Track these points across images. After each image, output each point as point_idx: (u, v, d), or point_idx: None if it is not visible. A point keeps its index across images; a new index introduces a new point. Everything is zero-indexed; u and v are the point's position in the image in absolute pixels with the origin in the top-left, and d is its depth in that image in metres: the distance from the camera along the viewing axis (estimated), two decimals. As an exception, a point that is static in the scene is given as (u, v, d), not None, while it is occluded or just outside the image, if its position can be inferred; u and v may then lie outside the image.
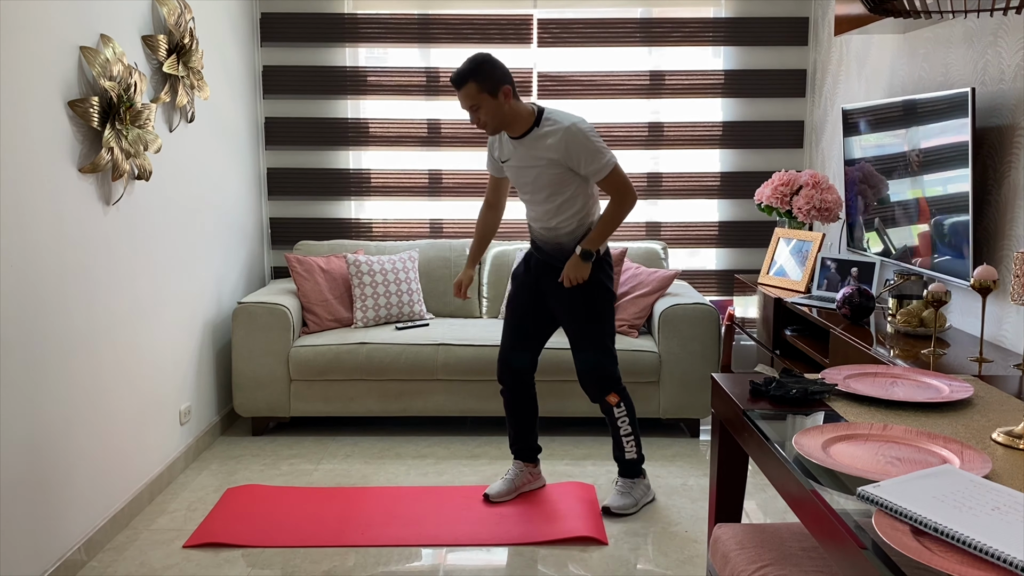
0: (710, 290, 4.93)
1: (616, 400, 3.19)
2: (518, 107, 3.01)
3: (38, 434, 2.59)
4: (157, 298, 3.41)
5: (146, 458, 3.33)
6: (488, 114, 2.96)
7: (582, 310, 3.14)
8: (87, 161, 2.85)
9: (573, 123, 2.98)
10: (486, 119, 2.97)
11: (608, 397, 3.19)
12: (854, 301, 3.21)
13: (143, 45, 3.28)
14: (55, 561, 2.68)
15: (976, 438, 1.72)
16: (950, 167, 3.02)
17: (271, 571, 2.81)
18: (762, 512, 3.26)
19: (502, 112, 2.97)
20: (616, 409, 3.20)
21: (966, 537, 1.22)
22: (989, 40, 3.01)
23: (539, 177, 3.04)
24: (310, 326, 4.19)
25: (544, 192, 3.07)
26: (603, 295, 3.15)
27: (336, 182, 4.85)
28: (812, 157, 4.74)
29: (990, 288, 2.45)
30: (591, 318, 3.15)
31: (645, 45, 4.75)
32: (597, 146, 2.99)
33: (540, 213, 3.13)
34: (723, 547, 1.97)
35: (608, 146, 3.09)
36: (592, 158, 2.98)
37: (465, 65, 2.94)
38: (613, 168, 3.02)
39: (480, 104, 2.94)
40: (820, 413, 1.90)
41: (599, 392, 3.19)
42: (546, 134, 2.99)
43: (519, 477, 3.34)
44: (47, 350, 2.63)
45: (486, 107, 2.94)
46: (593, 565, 2.85)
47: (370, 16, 4.71)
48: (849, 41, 4.23)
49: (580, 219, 3.11)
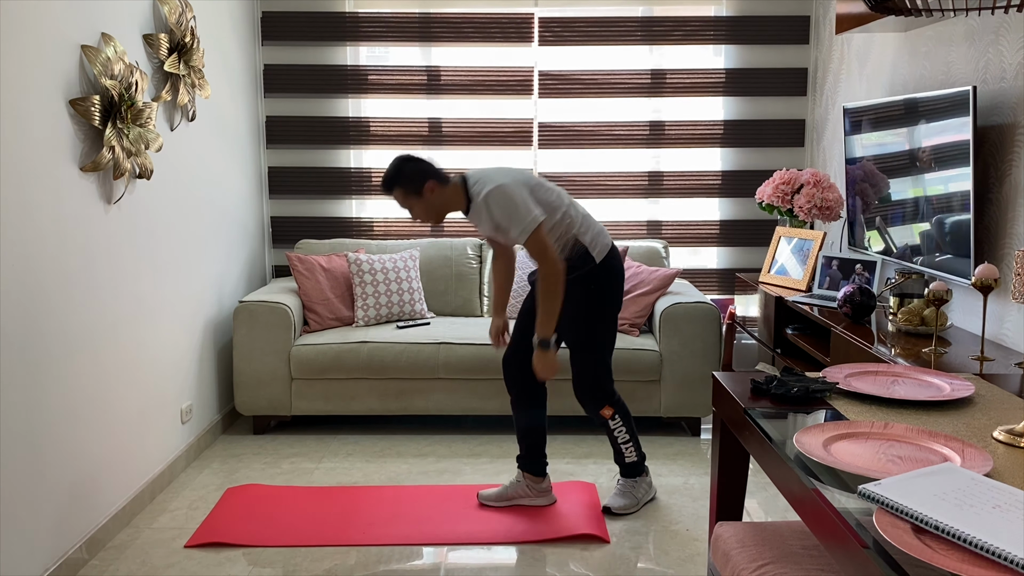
0: (711, 289, 4.93)
1: (611, 413, 3.16)
2: (447, 193, 2.99)
3: (39, 432, 2.59)
4: (158, 297, 3.42)
5: (147, 457, 3.33)
6: (421, 211, 3.00)
7: (583, 325, 3.10)
8: (88, 160, 2.85)
9: (487, 192, 2.89)
10: (420, 215, 3.02)
11: (603, 411, 3.15)
12: (855, 300, 3.21)
13: (144, 44, 3.28)
14: (56, 559, 2.68)
15: (977, 436, 1.72)
16: (951, 166, 3.02)
17: (272, 570, 2.81)
18: (763, 511, 3.26)
19: (433, 206, 2.99)
20: (612, 421, 3.17)
21: (967, 535, 1.22)
22: (990, 39, 3.01)
23: (503, 236, 3.03)
24: (311, 325, 4.19)
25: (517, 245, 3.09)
26: (603, 310, 3.09)
27: (337, 181, 4.85)
28: (813, 156, 4.73)
29: (991, 287, 2.45)
30: (591, 332, 3.10)
31: (646, 43, 4.75)
32: (514, 211, 2.85)
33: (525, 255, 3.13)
34: (724, 545, 1.97)
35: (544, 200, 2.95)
36: (511, 224, 2.87)
37: (388, 171, 2.98)
38: (531, 233, 2.86)
39: (410, 204, 3.00)
40: (821, 412, 1.90)
41: (594, 407, 3.15)
42: (478, 207, 2.96)
43: (514, 488, 3.26)
44: (48, 348, 2.63)
45: (417, 206, 2.99)
46: (594, 563, 2.85)
47: (371, 15, 4.71)
48: (850, 40, 4.23)
49: (562, 244, 3.02)
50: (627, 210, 4.89)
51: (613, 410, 3.16)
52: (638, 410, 4.01)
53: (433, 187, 2.96)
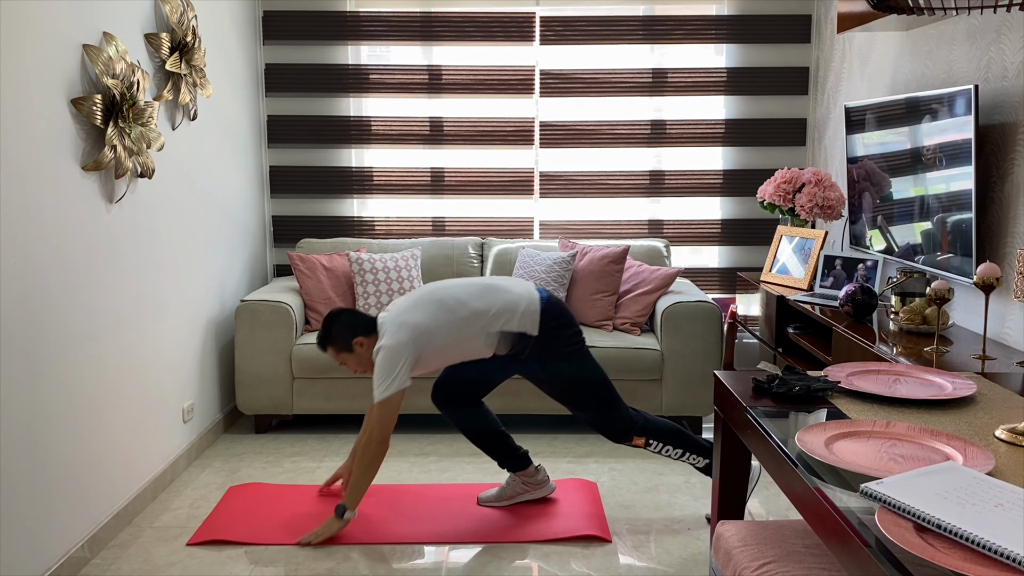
0: (712, 288, 4.93)
1: (643, 442, 3.08)
2: (373, 343, 3.01)
3: (41, 431, 2.59)
4: (160, 296, 3.42)
5: (149, 456, 3.33)
6: (355, 364, 3.07)
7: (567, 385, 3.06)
8: (90, 159, 2.85)
9: (378, 347, 2.93)
10: (355, 368, 3.09)
11: (635, 442, 3.08)
12: (857, 299, 3.21)
13: (146, 43, 3.28)
14: (58, 558, 2.69)
15: (979, 435, 1.72)
16: (953, 164, 3.02)
17: (274, 569, 2.81)
18: (765, 509, 3.26)
19: (365, 358, 3.04)
20: (649, 448, 3.10)
21: (969, 534, 1.22)
22: (992, 37, 3.01)
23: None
24: (313, 324, 4.19)
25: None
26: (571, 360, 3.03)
27: (339, 180, 4.85)
28: (815, 155, 4.73)
29: (993, 285, 2.44)
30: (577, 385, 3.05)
31: (647, 43, 4.75)
32: (385, 374, 2.89)
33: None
34: (726, 544, 1.97)
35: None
36: (377, 381, 2.90)
37: (320, 332, 3.07)
38: (380, 403, 2.90)
39: (344, 360, 3.07)
40: (823, 410, 1.90)
41: (626, 441, 3.10)
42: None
43: (511, 488, 3.25)
44: (50, 347, 2.63)
45: (350, 360, 3.06)
46: (596, 563, 2.85)
47: (372, 14, 4.71)
48: (852, 38, 4.23)
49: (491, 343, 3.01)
50: (628, 209, 4.89)
51: (644, 437, 3.08)
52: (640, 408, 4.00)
53: (361, 341, 3.02)
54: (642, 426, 3.08)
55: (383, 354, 2.91)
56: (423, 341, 2.93)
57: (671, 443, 3.10)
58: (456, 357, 3.05)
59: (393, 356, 2.90)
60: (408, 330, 2.93)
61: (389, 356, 2.90)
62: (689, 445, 3.11)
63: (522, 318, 2.98)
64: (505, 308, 2.98)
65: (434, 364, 3.03)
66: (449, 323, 2.96)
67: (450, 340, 2.97)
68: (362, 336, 3.02)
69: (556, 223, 4.89)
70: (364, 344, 3.02)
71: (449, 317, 2.96)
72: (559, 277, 4.19)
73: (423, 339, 2.93)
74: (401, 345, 2.90)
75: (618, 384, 3.97)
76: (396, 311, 3.01)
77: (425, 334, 2.93)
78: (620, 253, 4.19)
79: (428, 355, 2.97)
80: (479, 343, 3.00)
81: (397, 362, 2.89)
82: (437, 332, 2.95)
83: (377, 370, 2.91)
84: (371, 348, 3.02)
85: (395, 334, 2.92)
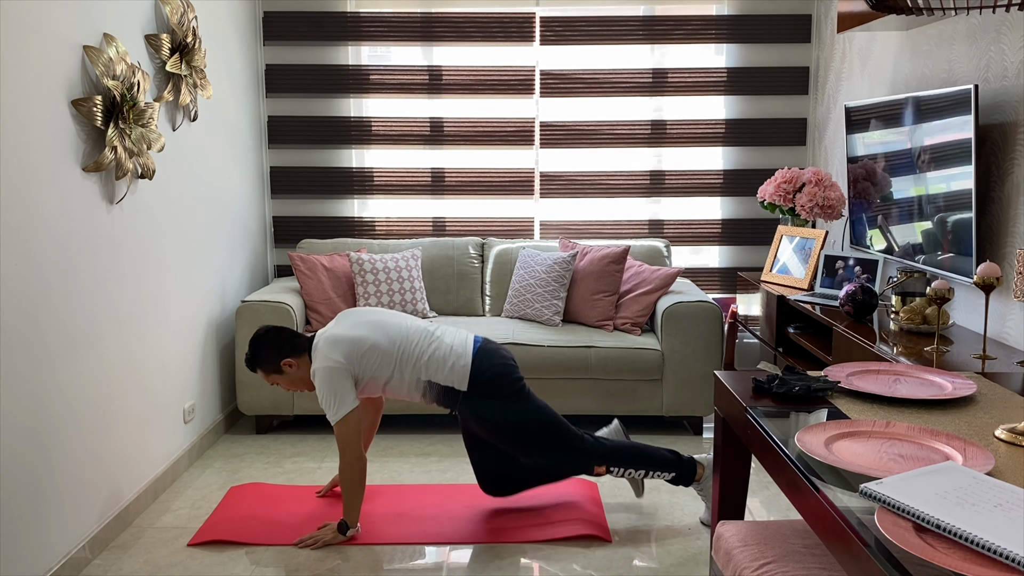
0: (713, 288, 4.93)
1: (603, 470, 3.01)
2: (304, 363, 3.00)
3: (42, 432, 2.59)
4: (160, 297, 3.42)
5: (150, 456, 3.33)
6: (286, 384, 3.05)
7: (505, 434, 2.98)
8: (91, 160, 2.85)
9: (314, 370, 2.90)
10: (288, 387, 3.07)
11: (597, 472, 3.03)
12: (857, 298, 3.21)
13: (146, 44, 3.29)
14: (59, 559, 2.69)
15: (979, 435, 1.72)
16: (953, 164, 3.02)
17: (275, 569, 2.81)
18: (765, 509, 3.26)
19: (295, 378, 3.02)
20: (612, 473, 3.04)
21: (969, 534, 1.22)
22: (992, 37, 3.01)
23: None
24: (313, 324, 4.20)
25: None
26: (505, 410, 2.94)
27: (339, 180, 4.85)
28: (815, 154, 4.73)
29: (993, 285, 2.45)
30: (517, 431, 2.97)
31: (647, 43, 4.75)
32: (329, 397, 2.86)
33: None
34: (726, 544, 1.97)
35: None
36: (326, 406, 2.87)
37: (247, 353, 3.04)
38: (338, 422, 2.86)
39: (275, 381, 3.05)
40: (823, 410, 1.90)
41: (586, 473, 3.04)
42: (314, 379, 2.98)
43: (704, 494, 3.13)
44: (51, 348, 2.64)
45: (281, 380, 3.04)
46: (596, 563, 2.85)
47: (373, 14, 4.71)
48: (852, 38, 4.23)
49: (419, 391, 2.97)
50: (629, 209, 4.89)
51: (604, 466, 3.01)
52: (640, 409, 4.01)
53: (290, 363, 2.99)
54: (601, 454, 3.01)
55: (319, 376, 2.87)
56: (360, 362, 2.89)
57: (632, 465, 3.03)
58: (389, 392, 2.99)
59: (330, 376, 2.86)
60: (343, 346, 2.89)
61: (326, 377, 2.86)
62: (651, 462, 3.04)
63: (450, 373, 2.93)
64: (434, 358, 2.94)
65: (374, 390, 2.99)
66: (384, 348, 2.91)
67: (383, 371, 2.92)
68: (291, 357, 2.99)
69: (556, 223, 4.90)
70: (294, 365, 2.99)
71: (385, 341, 2.92)
72: (559, 277, 4.19)
73: (360, 359, 2.89)
74: (336, 364, 2.86)
75: (619, 384, 3.97)
76: (329, 328, 2.98)
77: (360, 351, 2.89)
78: (620, 253, 4.19)
79: (362, 379, 2.93)
80: (410, 386, 2.96)
81: (336, 382, 2.86)
82: (371, 353, 2.90)
83: (320, 394, 2.88)
84: (303, 368, 2.99)
85: (328, 354, 2.88)
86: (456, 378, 2.93)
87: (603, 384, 3.99)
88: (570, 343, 3.98)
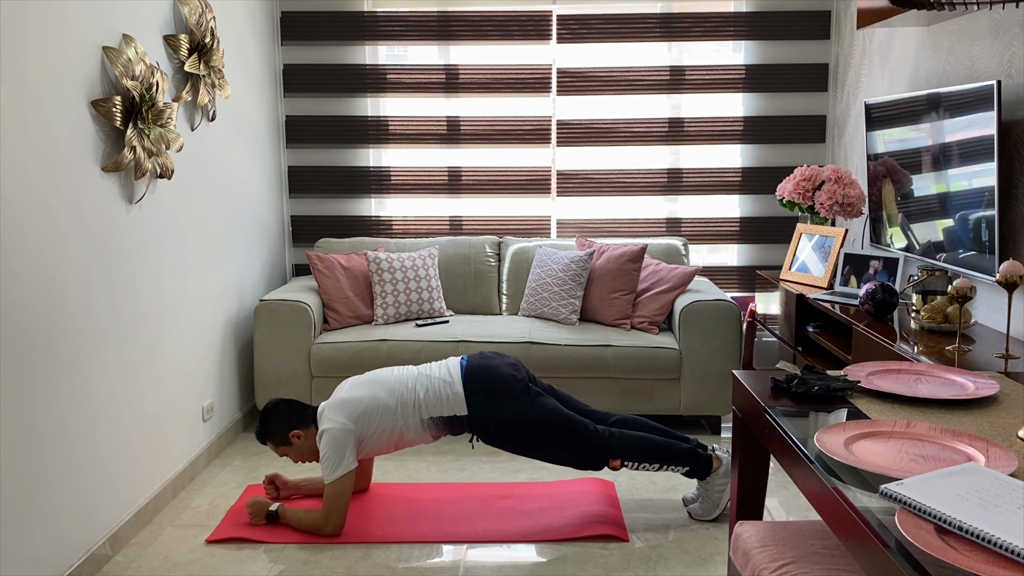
0: (731, 286, 4.91)
1: (618, 464, 3.04)
2: (311, 435, 3.11)
3: (62, 430, 2.61)
4: (179, 296, 3.44)
5: (169, 454, 3.36)
6: (295, 456, 3.15)
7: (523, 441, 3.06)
8: (110, 160, 2.87)
9: (320, 432, 3.00)
10: (297, 459, 3.16)
11: (612, 466, 3.05)
12: (877, 297, 3.18)
13: (165, 44, 3.31)
14: (80, 555, 2.71)
15: (1002, 436, 1.70)
16: (975, 161, 2.98)
17: (292, 567, 2.82)
18: (784, 510, 3.24)
19: (303, 449, 3.13)
20: (626, 467, 3.06)
21: (992, 536, 1.20)
22: (1015, 32, 2.97)
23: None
24: (331, 323, 4.21)
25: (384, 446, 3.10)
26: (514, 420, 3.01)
27: (356, 180, 4.87)
28: (834, 152, 4.70)
29: (1016, 283, 2.41)
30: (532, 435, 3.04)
31: (665, 40, 4.73)
32: (329, 458, 2.95)
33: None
34: (744, 545, 1.96)
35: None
36: (324, 466, 2.96)
37: (257, 426, 3.16)
38: (329, 484, 2.96)
39: (284, 453, 3.16)
40: (843, 410, 1.88)
41: (601, 467, 3.07)
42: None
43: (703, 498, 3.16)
44: (71, 347, 2.66)
45: (290, 452, 3.15)
46: (613, 562, 2.85)
47: (389, 14, 4.72)
48: (872, 34, 4.19)
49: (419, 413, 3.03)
50: (646, 207, 4.87)
51: (619, 460, 3.04)
52: (658, 408, 3.99)
53: (298, 434, 3.11)
54: (616, 447, 3.02)
55: (325, 437, 2.97)
56: (365, 419, 2.98)
57: (647, 459, 3.05)
58: (400, 443, 3.07)
59: (334, 439, 2.96)
60: (347, 407, 2.99)
61: (331, 440, 2.96)
62: (666, 456, 3.05)
63: (447, 403, 3.03)
64: (429, 394, 3.03)
65: (380, 447, 3.07)
66: (385, 400, 3.01)
67: (388, 423, 3.00)
68: (299, 428, 3.10)
69: (573, 221, 4.89)
70: (302, 436, 3.11)
71: (384, 393, 3.02)
72: (576, 276, 4.18)
73: (364, 417, 2.98)
74: (341, 425, 2.96)
75: (636, 383, 3.96)
76: (334, 395, 3.09)
77: (363, 410, 2.99)
78: (638, 252, 4.17)
79: (369, 437, 3.01)
80: (416, 431, 3.04)
81: (339, 442, 2.95)
82: (374, 409, 3.00)
83: (323, 454, 2.97)
84: (310, 439, 3.10)
85: (333, 417, 2.98)
86: (454, 405, 3.03)
87: (621, 383, 3.98)
88: (587, 342, 3.97)
